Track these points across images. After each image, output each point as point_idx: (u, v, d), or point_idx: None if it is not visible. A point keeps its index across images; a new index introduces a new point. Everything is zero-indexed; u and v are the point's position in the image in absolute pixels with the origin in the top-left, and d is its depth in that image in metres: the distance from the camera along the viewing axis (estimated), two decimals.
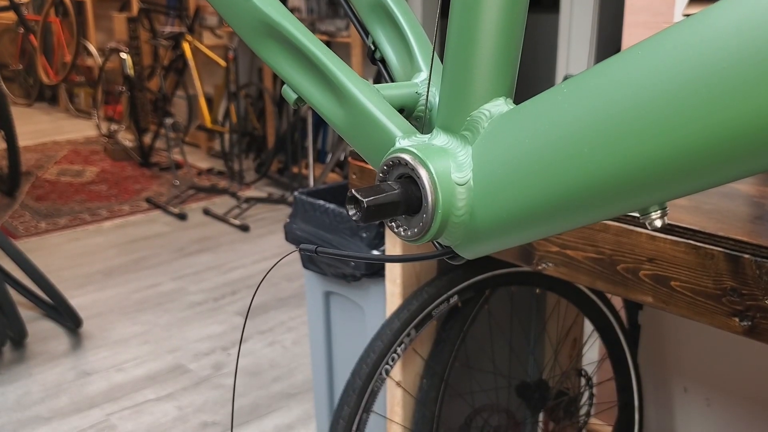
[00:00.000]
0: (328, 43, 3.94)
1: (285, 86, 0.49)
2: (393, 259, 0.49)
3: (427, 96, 0.47)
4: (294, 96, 0.49)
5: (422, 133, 0.42)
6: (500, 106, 0.38)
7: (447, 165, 0.38)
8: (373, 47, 0.53)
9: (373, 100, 0.44)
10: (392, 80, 0.52)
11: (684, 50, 0.28)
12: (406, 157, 0.39)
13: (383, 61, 0.53)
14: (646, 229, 0.89)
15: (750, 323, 0.80)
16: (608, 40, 2.52)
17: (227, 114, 4.04)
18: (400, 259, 0.47)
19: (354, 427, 1.14)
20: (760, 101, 0.26)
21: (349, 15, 0.54)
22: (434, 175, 0.38)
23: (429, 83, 0.47)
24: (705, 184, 0.30)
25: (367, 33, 0.53)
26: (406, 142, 0.41)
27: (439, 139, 0.40)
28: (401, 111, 0.48)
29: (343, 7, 0.55)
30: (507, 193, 0.36)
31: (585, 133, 0.32)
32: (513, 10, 0.37)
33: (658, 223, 0.33)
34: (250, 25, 0.48)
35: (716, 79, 0.26)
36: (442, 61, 0.44)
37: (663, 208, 0.33)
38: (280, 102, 3.99)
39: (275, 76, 4.23)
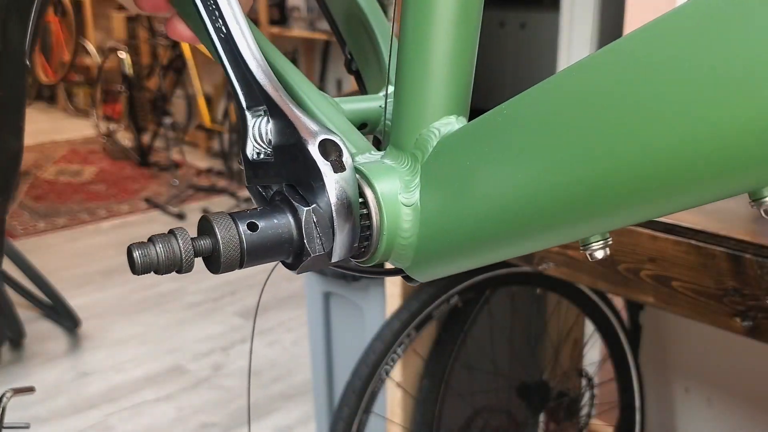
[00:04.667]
0: (326, 42, 3.94)
1: None
2: (348, 269, 0.46)
3: (385, 111, 0.46)
4: None
5: (383, 149, 0.41)
6: (451, 124, 0.37)
7: (394, 185, 0.36)
8: (350, 57, 0.52)
9: (329, 115, 0.42)
10: (366, 92, 0.51)
11: (636, 60, 0.26)
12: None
13: (358, 72, 0.51)
14: (648, 228, 0.89)
15: (751, 323, 0.80)
16: (608, 40, 2.52)
17: (226, 113, 4.04)
18: (354, 271, 0.45)
19: (354, 428, 1.13)
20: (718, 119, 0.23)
21: (329, 23, 0.53)
22: (379, 195, 0.36)
23: (386, 98, 0.46)
24: (661, 209, 0.28)
25: (344, 43, 0.52)
26: (358, 158, 0.39)
27: (390, 157, 0.38)
28: (364, 125, 0.46)
29: (323, 15, 0.54)
30: (453, 214, 0.35)
31: (526, 153, 0.30)
32: (466, 26, 0.36)
33: (599, 255, 0.32)
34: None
35: (675, 91, 0.24)
36: None
37: (605, 238, 0.32)
38: None
39: None
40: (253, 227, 0.34)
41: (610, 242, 0.32)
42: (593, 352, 1.63)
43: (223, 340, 2.42)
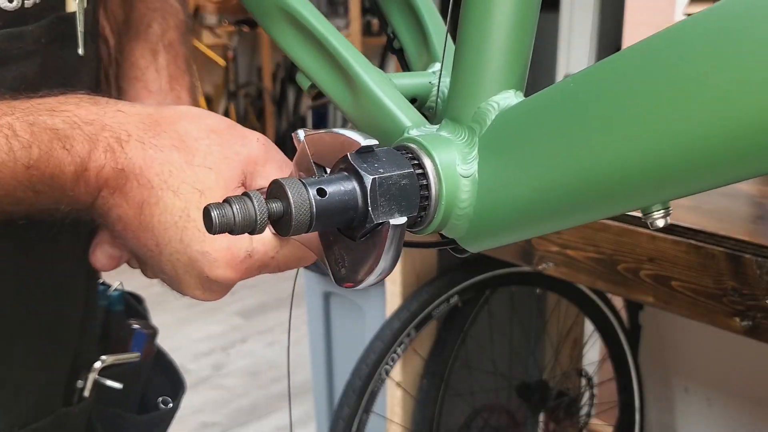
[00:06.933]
0: None
1: (299, 73, 0.50)
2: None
3: (438, 86, 0.47)
4: (308, 82, 0.49)
5: (433, 124, 0.42)
6: (509, 98, 0.38)
7: (452, 156, 0.37)
8: (392, 36, 0.53)
9: (385, 89, 0.43)
10: (409, 70, 0.52)
11: (696, 42, 0.27)
12: (412, 146, 0.38)
13: (402, 51, 0.52)
14: (647, 228, 0.89)
15: (751, 323, 0.80)
16: (608, 40, 2.52)
17: (226, 113, 4.04)
18: (406, 245, 0.47)
19: (354, 428, 1.13)
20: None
21: (372, 3, 0.54)
22: (438, 166, 0.37)
23: (440, 74, 0.47)
24: (714, 182, 0.29)
25: (387, 23, 0.53)
26: (414, 131, 0.40)
27: (447, 130, 0.39)
28: (414, 101, 0.47)
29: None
30: (512, 186, 0.36)
31: (591, 127, 0.31)
32: (527, 2, 0.37)
33: (660, 223, 0.33)
34: (268, 10, 0.48)
35: (728, 73, 0.26)
36: None
37: (666, 208, 0.32)
38: (280, 101, 3.99)
39: (275, 76, 4.23)
40: (321, 192, 0.35)
41: (671, 211, 0.33)
42: (593, 351, 1.63)
43: (224, 339, 2.42)
